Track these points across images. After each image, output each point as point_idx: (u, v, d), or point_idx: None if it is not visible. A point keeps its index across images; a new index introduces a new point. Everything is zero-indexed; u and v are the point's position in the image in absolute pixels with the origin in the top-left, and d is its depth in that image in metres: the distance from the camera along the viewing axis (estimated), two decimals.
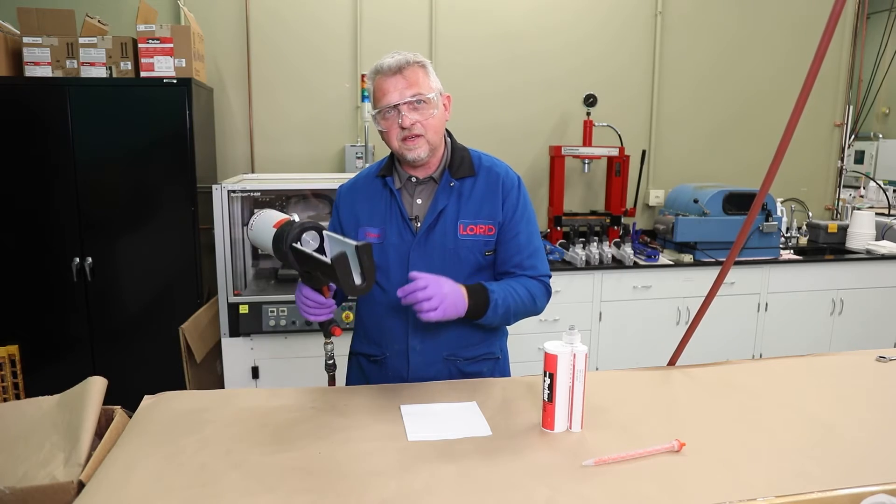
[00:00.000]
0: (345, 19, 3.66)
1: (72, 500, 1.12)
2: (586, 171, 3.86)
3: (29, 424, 1.32)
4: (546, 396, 1.31)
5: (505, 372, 1.76)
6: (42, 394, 1.41)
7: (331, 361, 1.62)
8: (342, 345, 1.85)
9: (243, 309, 2.82)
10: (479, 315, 1.53)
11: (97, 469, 1.18)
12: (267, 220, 1.50)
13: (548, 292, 1.68)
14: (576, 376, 1.30)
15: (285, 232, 1.41)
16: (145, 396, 1.48)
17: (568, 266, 3.44)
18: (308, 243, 1.41)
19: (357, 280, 1.33)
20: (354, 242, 1.33)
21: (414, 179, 1.62)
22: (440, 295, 1.42)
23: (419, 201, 1.63)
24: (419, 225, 1.60)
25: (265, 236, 1.48)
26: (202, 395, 1.52)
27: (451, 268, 1.59)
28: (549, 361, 1.31)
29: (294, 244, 1.40)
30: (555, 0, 3.86)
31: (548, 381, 1.31)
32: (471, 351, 1.67)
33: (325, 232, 1.44)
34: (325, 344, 1.63)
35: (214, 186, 2.77)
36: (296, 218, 1.46)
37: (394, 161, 1.65)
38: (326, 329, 1.55)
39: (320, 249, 1.43)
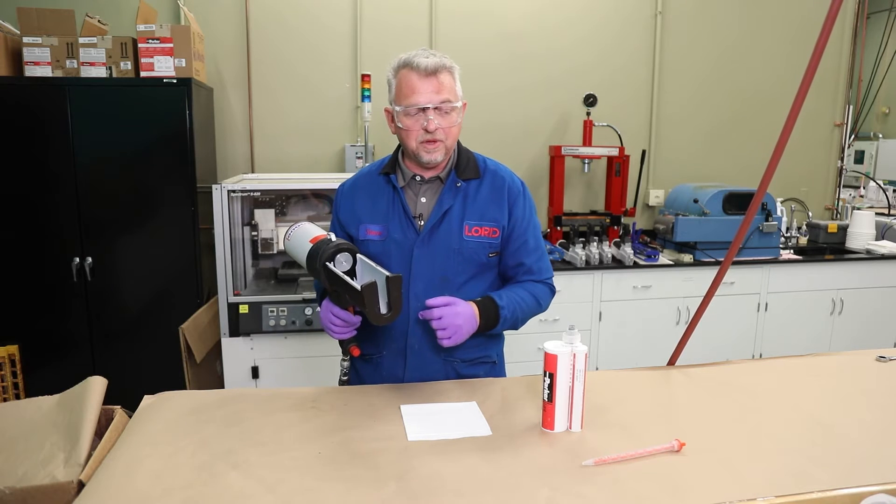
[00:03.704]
0: (345, 19, 3.66)
1: (72, 500, 1.12)
2: (586, 170, 3.86)
3: (29, 424, 1.32)
4: (546, 396, 1.31)
5: (500, 376, 1.77)
6: (42, 394, 1.41)
7: (345, 377, 1.62)
8: (335, 345, 1.85)
9: (243, 309, 2.82)
10: (490, 329, 1.59)
11: (97, 469, 1.18)
12: (304, 235, 1.51)
13: (552, 292, 1.72)
14: (576, 376, 1.30)
15: (320, 249, 1.43)
16: (145, 396, 1.48)
17: (568, 266, 3.44)
18: (341, 264, 1.43)
19: (383, 309, 1.36)
20: (386, 273, 1.36)
21: (418, 178, 1.63)
22: (454, 326, 1.47)
23: (423, 200, 1.63)
24: (422, 223, 1.60)
25: (301, 250, 1.50)
26: (202, 395, 1.52)
27: (454, 267, 1.60)
28: (549, 361, 1.31)
29: (327, 263, 1.42)
30: (555, 0, 3.86)
31: (548, 380, 1.31)
32: (469, 353, 1.67)
33: (358, 255, 1.46)
34: (342, 360, 1.64)
35: (214, 186, 2.77)
36: (332, 237, 1.47)
37: (398, 159, 1.65)
38: (346, 347, 1.57)
39: (351, 271, 1.45)
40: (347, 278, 1.39)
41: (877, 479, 1.13)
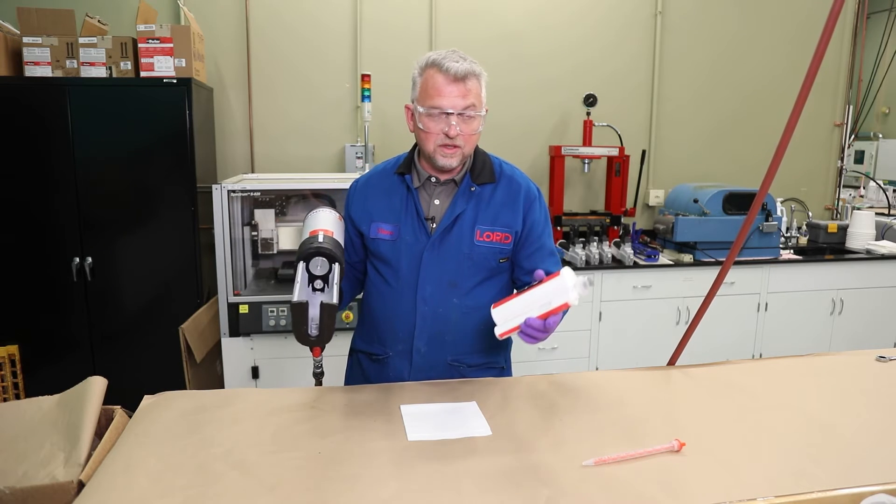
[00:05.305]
0: (345, 19, 3.66)
1: (72, 500, 1.12)
2: (586, 170, 3.86)
3: (29, 424, 1.32)
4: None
5: None
6: (42, 394, 1.41)
7: (318, 370, 1.61)
8: (342, 344, 1.85)
9: (243, 309, 2.82)
10: None
11: (97, 469, 1.18)
12: (311, 223, 1.50)
13: None
14: (544, 305, 1.33)
15: (304, 246, 1.42)
16: (145, 396, 1.48)
17: (568, 266, 3.43)
18: (315, 267, 1.41)
19: (312, 332, 1.39)
20: (332, 301, 1.37)
21: (434, 180, 1.61)
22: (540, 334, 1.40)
23: (437, 202, 1.62)
24: (434, 226, 1.60)
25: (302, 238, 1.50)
26: (202, 395, 1.52)
27: (464, 271, 1.60)
28: (547, 279, 1.36)
29: (301, 262, 1.40)
30: (555, 0, 3.86)
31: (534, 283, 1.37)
32: (476, 358, 1.67)
33: (335, 265, 1.42)
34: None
35: (214, 186, 2.77)
36: (321, 236, 1.43)
37: (413, 159, 1.64)
38: (310, 347, 1.56)
39: (326, 277, 1.43)
40: (297, 287, 1.39)
41: (877, 479, 1.13)
